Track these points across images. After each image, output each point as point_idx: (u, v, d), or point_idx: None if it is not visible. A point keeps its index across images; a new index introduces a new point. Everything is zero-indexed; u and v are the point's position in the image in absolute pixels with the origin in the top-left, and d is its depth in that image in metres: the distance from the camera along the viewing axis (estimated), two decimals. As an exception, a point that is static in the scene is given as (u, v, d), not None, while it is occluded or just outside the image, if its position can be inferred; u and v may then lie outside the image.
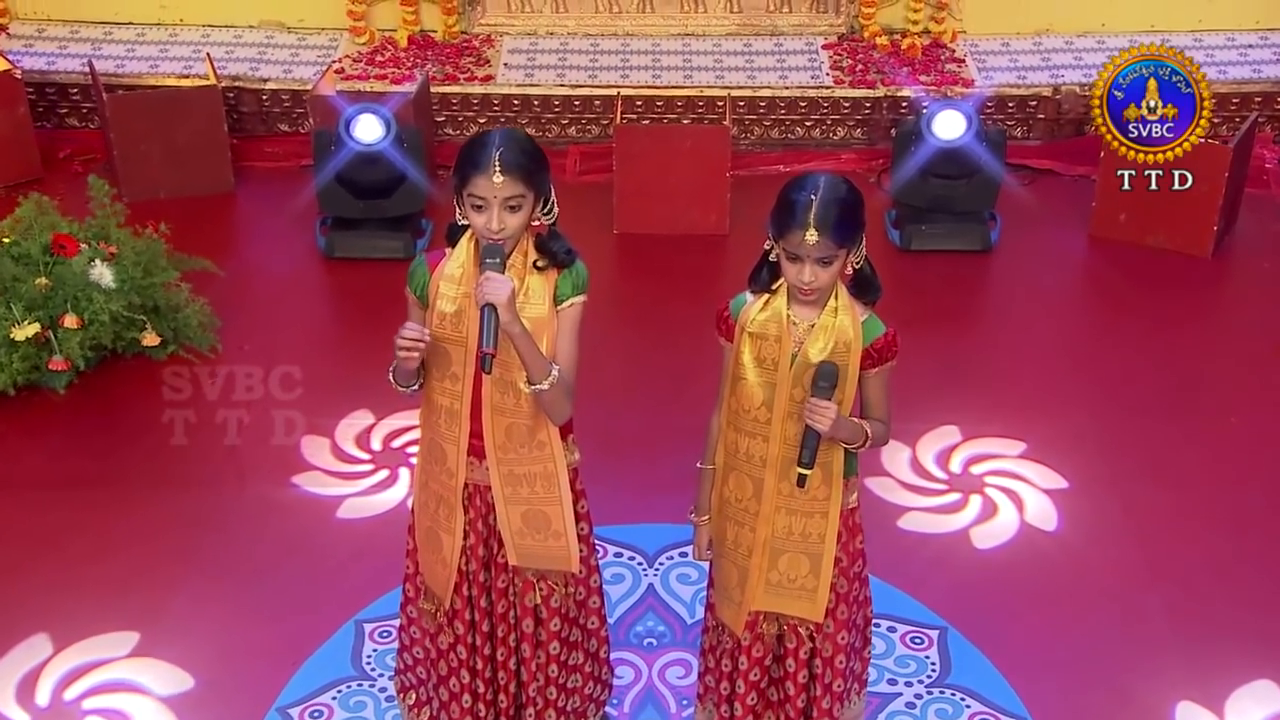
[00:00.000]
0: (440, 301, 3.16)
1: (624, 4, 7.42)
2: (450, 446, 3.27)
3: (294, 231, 6.30)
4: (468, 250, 3.15)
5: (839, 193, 3.03)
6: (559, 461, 3.29)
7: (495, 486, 3.29)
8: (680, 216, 6.23)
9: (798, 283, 3.06)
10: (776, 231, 3.05)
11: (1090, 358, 5.59)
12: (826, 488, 3.24)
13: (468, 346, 3.16)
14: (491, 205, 3.00)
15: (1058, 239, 6.39)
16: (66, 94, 7.09)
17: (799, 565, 3.32)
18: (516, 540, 3.35)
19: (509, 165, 2.98)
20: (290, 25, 7.51)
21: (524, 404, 3.19)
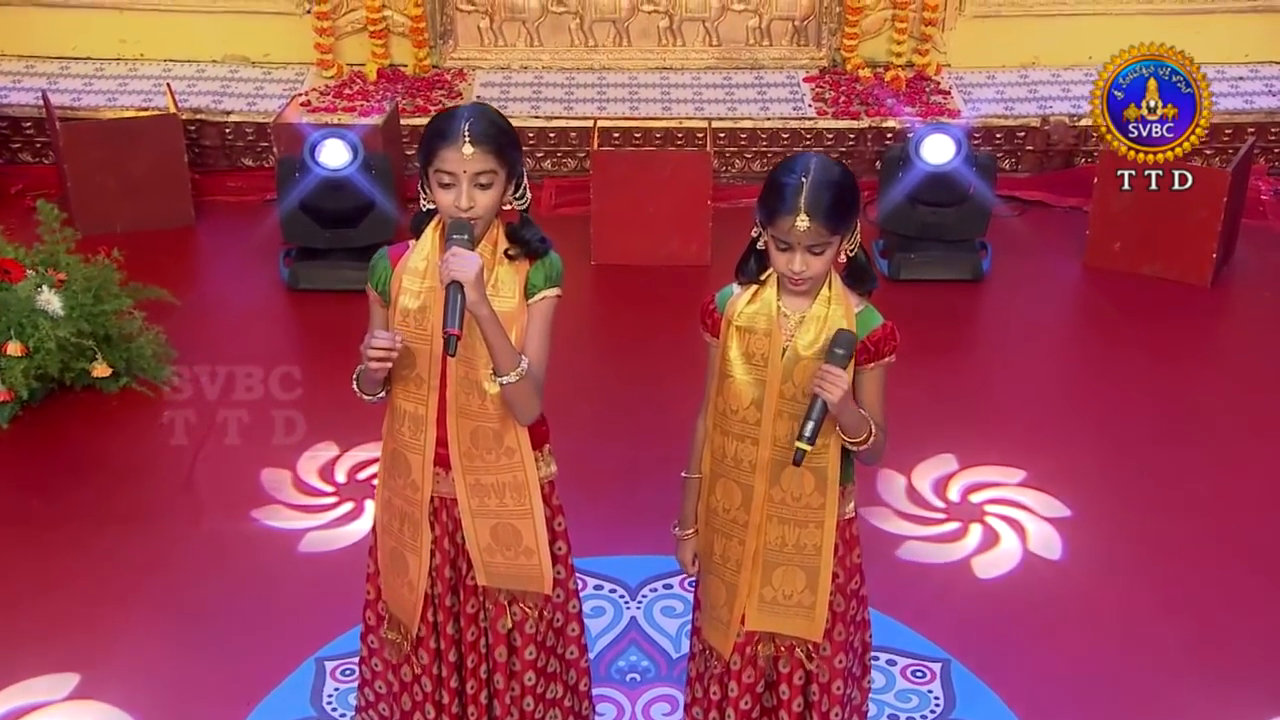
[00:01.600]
0: (403, 297, 2.96)
1: (600, 37, 7.31)
2: (414, 456, 3.06)
3: (256, 264, 6.11)
4: (433, 240, 2.96)
5: (831, 175, 2.85)
6: (529, 470, 3.08)
7: (461, 498, 3.08)
8: (660, 247, 6.06)
9: (787, 272, 2.88)
10: (765, 217, 2.87)
11: (1088, 387, 5.43)
12: (821, 495, 3.03)
13: (433, 346, 2.96)
14: (460, 181, 2.82)
15: (1051, 268, 6.25)
16: (19, 128, 6.91)
17: (794, 580, 3.10)
18: (485, 558, 3.12)
19: (479, 137, 2.80)
20: (255, 59, 7.37)
21: (490, 406, 2.98)
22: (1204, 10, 7.41)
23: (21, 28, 7.33)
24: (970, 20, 7.37)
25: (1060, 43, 7.41)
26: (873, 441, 2.91)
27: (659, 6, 7.25)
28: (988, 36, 7.37)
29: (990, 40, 7.37)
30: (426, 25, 7.17)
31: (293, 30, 7.25)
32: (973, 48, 7.38)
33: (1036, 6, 7.37)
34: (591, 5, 7.23)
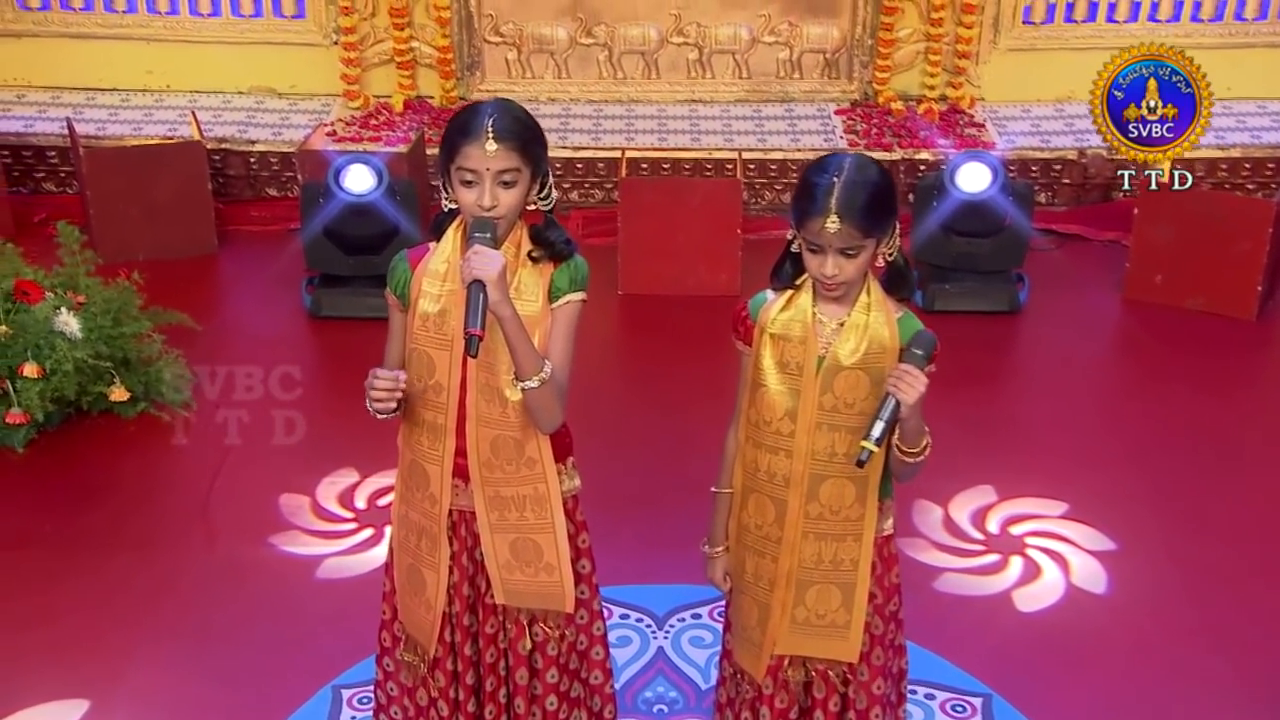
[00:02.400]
0: (423, 301, 2.87)
1: (628, 69, 7.26)
2: (433, 467, 2.95)
3: (279, 292, 6.04)
4: (454, 242, 2.87)
5: (866, 174, 2.75)
6: (551, 482, 2.97)
7: (480, 511, 2.96)
8: (688, 276, 5.96)
9: (819, 276, 2.77)
10: (797, 219, 2.77)
11: (1130, 419, 5.28)
12: (861, 505, 2.91)
13: (453, 352, 2.86)
14: (483, 179, 2.72)
15: (1090, 301, 6.12)
16: (44, 157, 6.89)
17: (829, 598, 2.97)
18: (503, 575, 3.00)
19: (503, 133, 2.71)
20: (281, 91, 7.34)
21: (511, 414, 2.87)
22: (1244, 44, 7.32)
23: (48, 59, 7.34)
24: (1004, 53, 7.29)
25: (1096, 76, 7.30)
26: (925, 454, 2.79)
27: (689, 39, 7.19)
28: (1022, 70, 7.28)
29: (1024, 74, 7.28)
30: (454, 57, 7.14)
31: (320, 61, 7.23)
32: (1007, 81, 7.29)
33: (1072, 39, 7.28)
34: (620, 37, 7.18)
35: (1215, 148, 6.83)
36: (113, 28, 7.29)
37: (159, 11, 7.26)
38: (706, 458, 3.11)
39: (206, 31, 7.28)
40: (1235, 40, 7.31)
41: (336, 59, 7.15)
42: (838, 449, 2.86)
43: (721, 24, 7.16)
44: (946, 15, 7.07)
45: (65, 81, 7.34)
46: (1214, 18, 7.26)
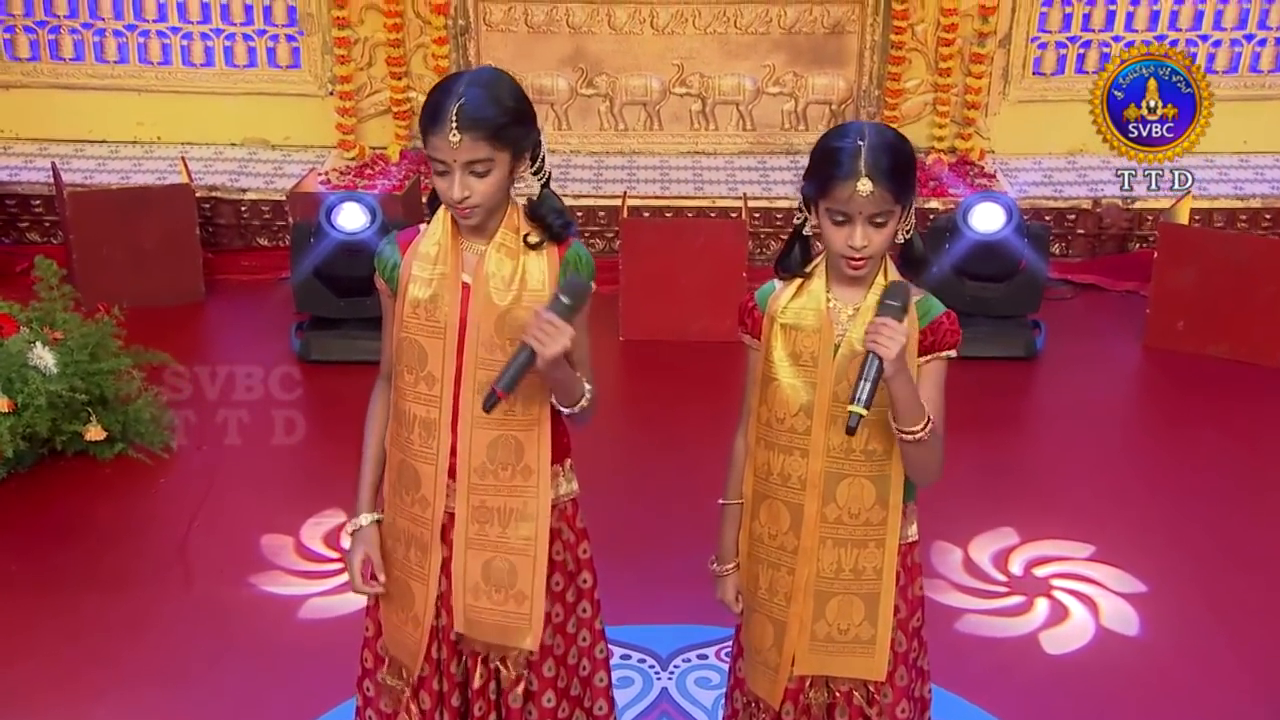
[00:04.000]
0: (413, 286, 2.70)
1: (630, 121, 7.18)
2: (425, 467, 2.76)
3: (267, 337, 5.88)
4: (444, 223, 2.71)
5: (888, 137, 2.61)
6: (543, 499, 2.76)
7: (460, 521, 2.75)
8: (692, 321, 5.81)
9: (845, 250, 2.60)
10: (818, 189, 2.61)
11: (1155, 463, 5.11)
12: (883, 508, 2.72)
13: (446, 340, 2.69)
14: (453, 170, 2.55)
15: (1109, 348, 5.96)
16: (28, 206, 6.77)
17: (851, 610, 2.77)
18: (468, 600, 2.77)
19: (469, 122, 2.51)
20: (275, 143, 7.26)
21: (517, 410, 2.69)
22: (1262, 96, 7.25)
23: (37, 110, 7.25)
24: (1014, 105, 7.22)
25: (1109, 129, 7.24)
26: (929, 435, 2.56)
27: (691, 90, 7.12)
28: (1032, 121, 7.20)
29: (1035, 125, 7.19)
30: (452, 107, 7.04)
31: (314, 112, 7.15)
32: (1017, 133, 7.21)
33: (1083, 91, 7.12)
34: (622, 88, 7.10)
35: (1234, 198, 6.74)
36: (103, 78, 7.22)
37: (151, 62, 7.19)
38: (711, 498, 2.94)
39: (199, 82, 7.20)
40: (1251, 92, 7.24)
41: (332, 109, 7.07)
42: (854, 444, 2.67)
43: (725, 75, 7.09)
44: (955, 66, 7.00)
45: (54, 133, 7.24)
46: (1229, 69, 7.19)
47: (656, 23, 7.01)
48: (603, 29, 7.01)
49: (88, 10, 7.13)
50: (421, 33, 6.93)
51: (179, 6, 7.10)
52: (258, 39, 7.14)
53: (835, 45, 6.95)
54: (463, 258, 2.69)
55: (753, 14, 6.99)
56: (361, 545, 2.87)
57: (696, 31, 7.03)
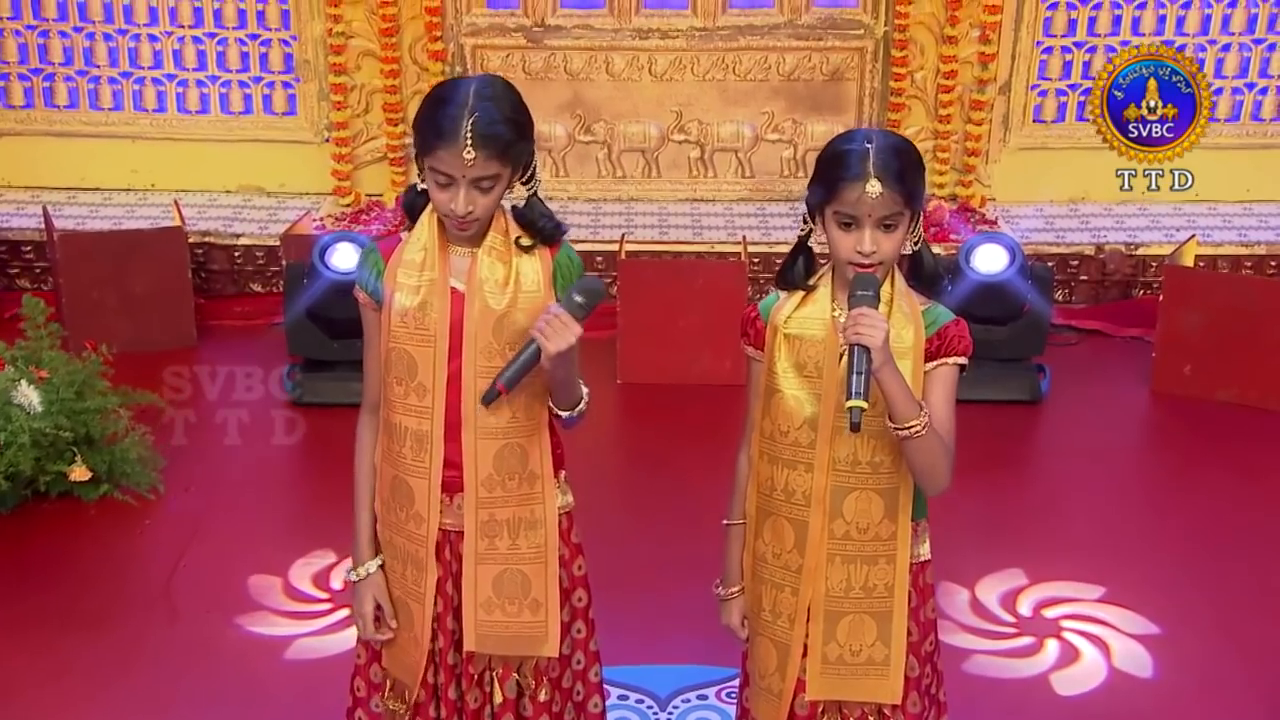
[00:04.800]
0: (399, 295, 2.63)
1: (628, 168, 7.15)
2: (418, 481, 2.68)
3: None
4: (430, 227, 2.65)
5: (895, 140, 2.58)
6: (549, 503, 2.71)
7: (469, 537, 2.68)
8: (691, 364, 5.74)
9: (853, 256, 2.54)
10: (825, 193, 2.56)
11: (1165, 504, 5.02)
12: (892, 522, 2.64)
13: (436, 348, 2.62)
14: (459, 185, 2.50)
15: (1116, 393, 5.88)
16: (18, 252, 6.72)
17: (863, 630, 2.68)
18: (480, 616, 2.70)
19: (484, 140, 2.46)
20: (270, 190, 7.23)
21: (520, 416, 2.63)
22: (1263, 145, 7.23)
23: (30, 158, 7.22)
24: (1015, 152, 7.19)
25: (1110, 177, 7.18)
26: (927, 430, 2.47)
27: (690, 137, 7.10)
28: (1034, 169, 7.17)
29: (1036, 173, 7.15)
30: (448, 154, 7.02)
31: (310, 159, 7.13)
32: (1018, 181, 7.17)
33: (1084, 139, 7.15)
34: (620, 135, 7.09)
35: (1239, 244, 6.69)
36: (97, 125, 7.20)
37: (146, 109, 7.17)
38: (712, 539, 2.87)
39: (194, 129, 7.19)
40: (1255, 140, 7.22)
41: (328, 156, 7.04)
42: (860, 456, 2.61)
43: (723, 121, 7.07)
44: (954, 113, 6.99)
45: (46, 181, 7.20)
46: (1230, 117, 7.18)
47: (655, 69, 7.01)
48: (601, 76, 7.00)
49: (83, 58, 7.13)
50: (419, 79, 6.92)
51: (175, 54, 7.09)
52: (254, 86, 7.13)
53: (834, 92, 6.95)
54: (451, 262, 2.63)
55: (751, 61, 6.99)
56: (369, 592, 2.79)
57: (695, 78, 7.02)
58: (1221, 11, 6.93)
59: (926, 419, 2.47)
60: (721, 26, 6.96)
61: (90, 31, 7.08)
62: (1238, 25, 6.98)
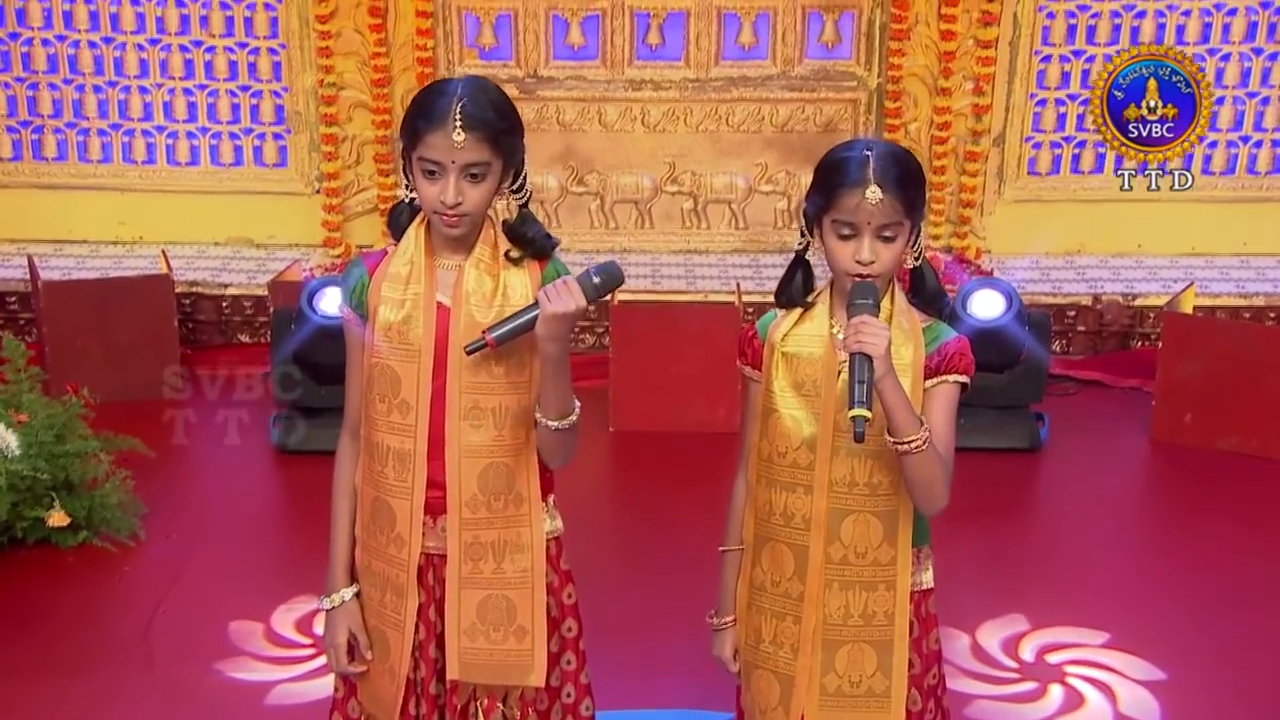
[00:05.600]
0: (383, 309, 2.56)
1: (621, 219, 7.12)
2: (400, 502, 2.60)
3: (244, 429, 5.68)
4: (417, 239, 2.58)
5: (895, 148, 2.54)
6: (536, 526, 2.62)
7: (452, 560, 2.59)
8: (685, 411, 5.66)
9: (852, 266, 2.47)
10: (823, 200, 2.50)
11: (1168, 552, 4.94)
12: (891, 546, 2.56)
13: (420, 364, 2.54)
14: (448, 172, 2.44)
15: (1115, 442, 5.80)
16: (3, 303, 6.64)
17: (863, 660, 2.58)
18: (464, 643, 2.60)
19: (474, 121, 2.42)
20: (259, 242, 7.18)
21: (506, 436, 2.55)
22: (1258, 198, 7.21)
23: (16, 210, 7.16)
24: (1009, 204, 7.17)
25: (1106, 230, 7.17)
26: (928, 446, 2.40)
27: (683, 188, 7.07)
28: (1029, 221, 7.13)
29: (1031, 225, 7.11)
30: (440, 205, 6.98)
31: (300, 211, 7.09)
32: (1013, 233, 7.13)
33: (1080, 191, 7.17)
34: (613, 186, 7.06)
35: (1237, 295, 6.65)
36: (85, 178, 7.17)
37: (135, 161, 7.14)
38: (707, 584, 2.79)
39: (183, 181, 7.15)
40: (1249, 194, 7.19)
41: (318, 207, 7.01)
42: (858, 477, 2.53)
43: (717, 173, 7.05)
44: (949, 164, 6.97)
45: (33, 234, 7.12)
46: (1226, 170, 7.15)
47: (648, 120, 6.99)
48: (594, 127, 6.98)
49: (72, 110, 7.11)
50: (410, 130, 6.88)
51: (165, 106, 7.08)
52: (245, 137, 7.11)
53: (828, 144, 6.71)
54: (436, 276, 2.56)
55: (744, 112, 6.98)
56: (343, 621, 2.69)
57: (688, 130, 7.01)
58: (1221, 20, 6.87)
59: (927, 434, 2.40)
60: (714, 78, 6.96)
61: (80, 84, 7.07)
62: (1238, 34, 6.93)
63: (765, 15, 6.92)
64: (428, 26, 6.72)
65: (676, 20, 6.92)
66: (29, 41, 7.01)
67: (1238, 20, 6.80)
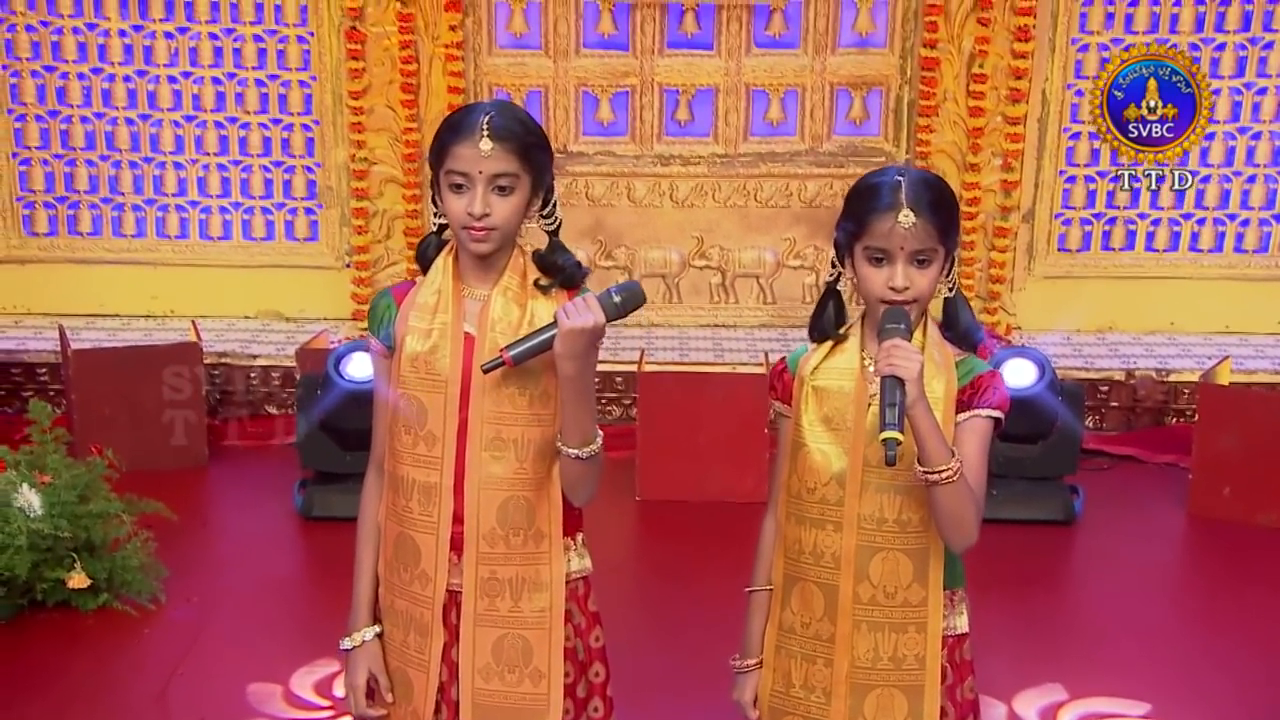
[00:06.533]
0: (410, 339, 2.51)
1: (650, 293, 7.00)
2: (425, 537, 2.52)
3: (269, 497, 5.64)
4: (445, 269, 2.54)
5: (928, 175, 2.49)
6: (556, 565, 2.53)
7: (468, 596, 2.50)
8: (712, 479, 5.56)
9: (885, 294, 2.41)
10: (855, 227, 2.44)
11: (1207, 625, 4.77)
12: (922, 587, 2.46)
13: (447, 395, 2.48)
14: (475, 184, 2.40)
15: (1152, 516, 5.67)
16: (33, 375, 6.63)
17: (894, 707, 2.47)
18: (478, 683, 2.51)
19: (500, 132, 2.39)
20: (289, 315, 7.17)
21: (528, 469, 2.47)
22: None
23: (51, 284, 7.20)
24: (1040, 281, 7.11)
25: (1138, 307, 7.11)
26: (959, 478, 2.32)
27: (711, 262, 7.05)
28: (1060, 298, 7.07)
29: (1062, 302, 7.05)
30: (469, 280, 6.97)
31: (330, 284, 7.09)
32: (1044, 309, 7.06)
33: (1110, 268, 7.12)
34: (641, 260, 7.04)
35: (1272, 372, 6.53)
36: (119, 252, 7.21)
37: (168, 235, 7.18)
38: (732, 644, 2.69)
39: (215, 255, 7.18)
40: None
41: (348, 280, 7.01)
42: (887, 513, 2.44)
43: (745, 248, 7.03)
44: (978, 239, 6.92)
45: (66, 308, 7.15)
46: (1259, 249, 7.07)
47: (676, 195, 6.99)
48: (622, 201, 6.99)
49: (108, 186, 7.16)
50: (440, 205, 6.90)
51: (199, 181, 7.12)
52: (277, 212, 7.14)
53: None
54: (464, 306, 2.50)
55: (773, 187, 6.97)
56: (364, 662, 2.61)
57: (716, 205, 7.00)
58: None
59: (958, 464, 2.32)
60: (743, 153, 6.97)
61: (117, 160, 7.12)
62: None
63: (794, 92, 6.94)
64: (459, 103, 6.75)
65: (705, 97, 6.95)
66: (68, 119, 7.09)
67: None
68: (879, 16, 6.89)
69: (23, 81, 7.02)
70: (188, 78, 6.98)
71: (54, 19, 6.94)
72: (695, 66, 6.92)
